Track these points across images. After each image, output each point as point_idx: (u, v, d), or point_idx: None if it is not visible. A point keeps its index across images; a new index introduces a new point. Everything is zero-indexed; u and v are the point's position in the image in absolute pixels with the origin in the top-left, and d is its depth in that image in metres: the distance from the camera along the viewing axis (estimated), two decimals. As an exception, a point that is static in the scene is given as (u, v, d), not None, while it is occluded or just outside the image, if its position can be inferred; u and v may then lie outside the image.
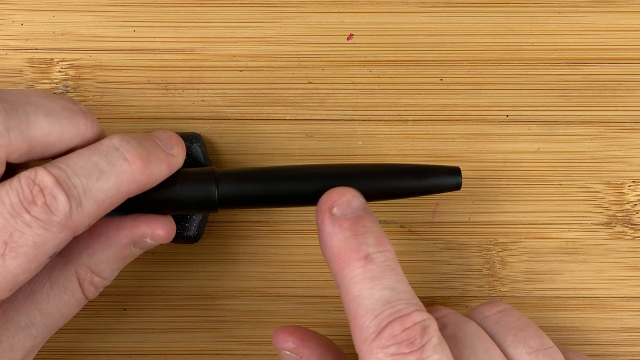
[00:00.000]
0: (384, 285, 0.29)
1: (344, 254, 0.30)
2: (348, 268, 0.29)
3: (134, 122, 0.37)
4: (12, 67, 0.37)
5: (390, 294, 0.29)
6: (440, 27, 0.38)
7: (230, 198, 0.33)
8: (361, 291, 0.29)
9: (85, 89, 0.38)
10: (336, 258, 0.30)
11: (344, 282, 0.29)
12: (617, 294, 0.38)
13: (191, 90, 0.38)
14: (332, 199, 0.31)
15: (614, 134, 0.38)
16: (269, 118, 0.38)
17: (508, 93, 0.38)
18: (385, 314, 0.28)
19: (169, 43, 0.38)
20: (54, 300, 0.32)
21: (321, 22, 0.38)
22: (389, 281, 0.29)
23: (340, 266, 0.30)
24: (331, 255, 0.30)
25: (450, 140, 0.38)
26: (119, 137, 0.31)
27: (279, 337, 0.33)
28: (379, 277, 0.29)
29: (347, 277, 0.29)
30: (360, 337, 0.28)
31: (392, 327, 0.28)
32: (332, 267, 0.30)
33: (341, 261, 0.30)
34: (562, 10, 0.38)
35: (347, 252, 0.30)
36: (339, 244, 0.30)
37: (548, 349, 0.32)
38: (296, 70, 0.38)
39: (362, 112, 0.38)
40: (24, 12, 0.38)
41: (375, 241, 0.30)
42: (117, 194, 0.30)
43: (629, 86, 0.38)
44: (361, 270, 0.29)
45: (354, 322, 0.29)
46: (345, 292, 0.29)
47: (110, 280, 0.33)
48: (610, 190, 0.38)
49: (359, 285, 0.29)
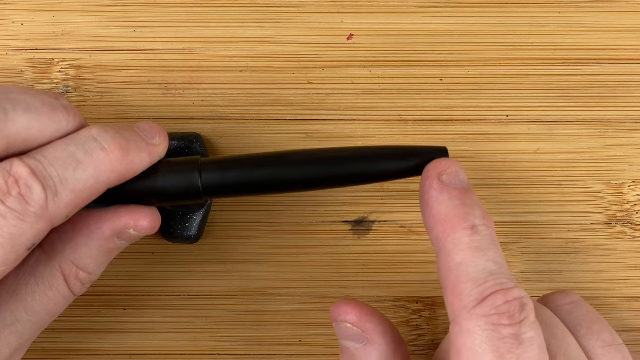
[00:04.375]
0: (488, 258, 0.29)
1: (452, 221, 0.30)
2: (454, 235, 0.30)
3: (134, 122, 0.37)
4: (12, 67, 0.38)
5: (493, 266, 0.29)
6: (441, 27, 0.38)
7: (214, 186, 0.32)
8: (465, 259, 0.29)
9: (86, 89, 0.38)
10: (442, 223, 0.30)
11: (447, 248, 0.30)
12: (617, 294, 0.38)
13: (191, 90, 0.38)
14: (442, 166, 0.31)
15: (614, 134, 0.38)
16: (269, 118, 0.38)
17: (508, 93, 0.38)
18: (489, 284, 0.28)
19: (169, 43, 0.38)
20: (40, 296, 0.32)
21: (321, 22, 0.38)
22: (493, 255, 0.29)
23: (445, 232, 0.30)
24: (436, 221, 0.30)
25: (450, 141, 0.38)
26: (98, 128, 0.31)
27: (340, 309, 0.32)
28: (484, 248, 0.29)
29: (451, 243, 0.30)
30: (460, 304, 0.29)
31: (495, 297, 0.28)
32: (436, 232, 0.30)
33: (447, 227, 0.30)
34: (562, 11, 0.38)
35: (454, 219, 0.30)
36: (447, 210, 0.30)
37: (619, 345, 0.33)
38: (296, 70, 0.38)
39: (362, 112, 0.38)
40: (24, 12, 0.38)
41: (481, 214, 0.30)
42: (95, 184, 0.30)
43: (629, 86, 0.38)
44: (468, 239, 0.29)
45: (453, 288, 0.29)
46: (446, 258, 0.30)
47: (97, 275, 0.33)
48: (610, 190, 0.38)
49: (464, 252, 0.29)
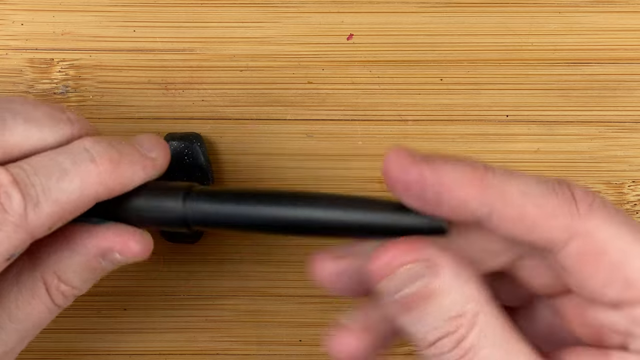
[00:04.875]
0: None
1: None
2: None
3: (134, 122, 0.37)
4: (12, 67, 0.37)
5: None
6: (440, 27, 0.38)
7: (198, 217, 0.30)
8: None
9: (86, 89, 0.38)
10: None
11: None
12: (617, 294, 0.38)
13: (191, 90, 0.38)
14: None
15: (614, 134, 0.38)
16: (269, 118, 0.38)
17: (508, 93, 0.38)
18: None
19: (169, 43, 0.38)
20: (23, 305, 0.31)
21: (321, 22, 0.38)
22: None
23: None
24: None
25: (450, 141, 0.38)
26: (92, 139, 0.30)
27: (389, 256, 0.27)
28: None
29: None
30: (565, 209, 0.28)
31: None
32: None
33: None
34: (562, 10, 0.38)
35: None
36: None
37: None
38: (296, 70, 0.38)
39: (362, 112, 0.38)
40: (24, 12, 0.38)
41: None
42: (81, 196, 0.29)
43: (629, 86, 0.38)
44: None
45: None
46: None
47: (82, 290, 0.32)
48: (610, 190, 0.38)
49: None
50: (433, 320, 0.27)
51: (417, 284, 0.27)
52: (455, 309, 0.26)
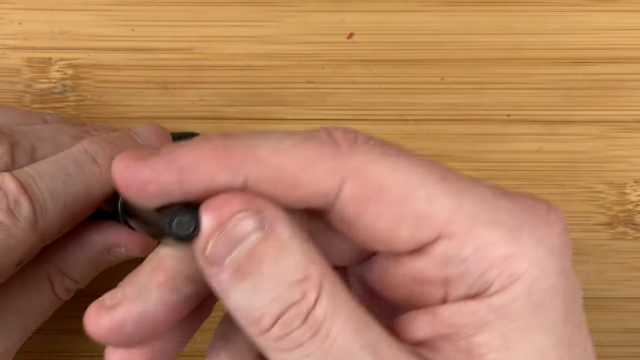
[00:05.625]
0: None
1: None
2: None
3: (133, 122, 0.37)
4: (10, 67, 0.37)
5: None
6: (441, 26, 0.38)
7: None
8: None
9: (84, 89, 0.37)
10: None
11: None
12: (619, 295, 0.38)
13: (191, 89, 0.37)
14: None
15: (616, 134, 0.38)
16: (269, 118, 0.38)
17: (509, 92, 0.38)
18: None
19: (168, 42, 0.37)
20: (26, 298, 0.31)
21: (321, 21, 0.37)
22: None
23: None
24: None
25: (451, 140, 0.38)
26: (89, 140, 0.31)
27: (219, 203, 0.22)
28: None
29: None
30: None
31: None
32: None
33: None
34: (564, 10, 0.38)
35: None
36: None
37: None
38: (296, 69, 0.38)
39: (363, 111, 0.38)
40: (22, 11, 0.37)
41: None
42: (86, 198, 0.29)
43: (631, 86, 0.38)
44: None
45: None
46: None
47: (83, 283, 0.32)
48: (612, 190, 0.38)
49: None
50: (273, 287, 0.22)
51: (251, 240, 0.22)
52: (299, 272, 0.22)
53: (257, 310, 0.22)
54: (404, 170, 0.23)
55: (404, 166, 0.23)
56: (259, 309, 0.22)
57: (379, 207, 0.23)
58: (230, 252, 0.22)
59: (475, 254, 0.23)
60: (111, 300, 0.24)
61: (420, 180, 0.23)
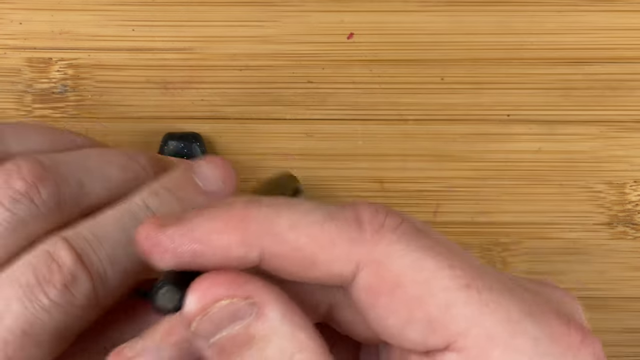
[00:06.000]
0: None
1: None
2: None
3: (133, 122, 0.37)
4: (10, 67, 0.37)
5: None
6: (441, 26, 0.38)
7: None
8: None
9: (84, 89, 0.37)
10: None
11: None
12: (619, 295, 0.38)
13: (191, 89, 0.37)
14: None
15: (616, 134, 0.38)
16: (269, 118, 0.38)
17: (509, 92, 0.38)
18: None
19: (168, 42, 0.37)
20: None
21: (321, 21, 0.38)
22: None
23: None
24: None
25: (451, 140, 0.38)
26: (148, 192, 0.28)
27: (202, 290, 0.22)
28: None
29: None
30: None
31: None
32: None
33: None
34: (563, 10, 0.38)
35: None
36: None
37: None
38: (296, 69, 0.38)
39: (363, 111, 0.38)
40: (22, 11, 0.37)
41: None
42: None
43: (631, 85, 0.38)
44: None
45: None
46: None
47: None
48: (611, 190, 0.38)
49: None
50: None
51: (236, 327, 0.22)
52: (283, 359, 0.22)
53: None
54: (427, 271, 0.22)
55: (430, 265, 0.22)
56: None
57: (391, 304, 0.22)
58: (214, 333, 0.22)
59: None
60: (130, 350, 0.24)
61: (443, 283, 0.22)
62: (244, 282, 0.22)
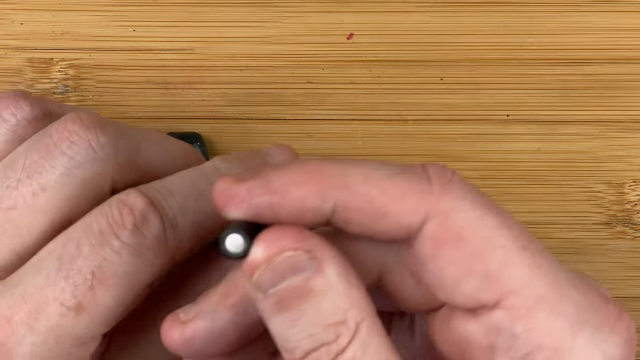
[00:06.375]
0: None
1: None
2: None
3: (133, 122, 0.37)
4: (11, 67, 0.37)
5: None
6: (441, 26, 0.38)
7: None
8: None
9: (85, 89, 0.37)
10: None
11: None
12: (618, 294, 0.38)
13: (191, 89, 0.38)
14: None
15: (615, 134, 0.38)
16: (269, 118, 0.38)
17: (508, 93, 0.38)
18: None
19: (168, 42, 0.37)
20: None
21: (321, 21, 0.38)
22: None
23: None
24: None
25: (450, 140, 0.38)
26: (220, 158, 0.29)
27: (272, 238, 0.23)
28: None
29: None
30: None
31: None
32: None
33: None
34: (562, 10, 0.38)
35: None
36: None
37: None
38: (296, 69, 0.38)
39: (362, 111, 0.38)
40: (23, 12, 0.37)
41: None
42: (216, 216, 0.26)
43: (630, 86, 0.38)
44: None
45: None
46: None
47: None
48: (610, 190, 0.38)
49: None
50: (309, 326, 0.22)
51: (296, 279, 0.22)
52: (337, 314, 0.22)
53: (291, 341, 0.23)
54: (490, 228, 0.23)
55: (492, 223, 0.23)
56: (293, 341, 0.22)
57: (453, 255, 0.23)
58: (275, 284, 0.22)
59: (527, 333, 0.23)
60: (185, 315, 0.25)
61: (503, 242, 0.23)
62: (307, 237, 0.23)
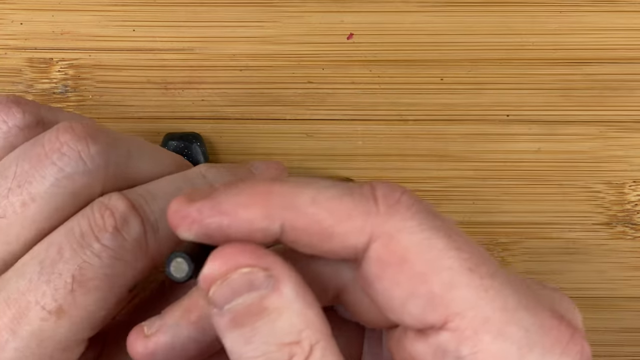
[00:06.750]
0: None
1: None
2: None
3: (133, 122, 0.37)
4: (11, 67, 0.37)
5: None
6: (441, 26, 0.38)
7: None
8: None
9: (85, 89, 0.37)
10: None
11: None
12: (618, 294, 0.38)
13: (191, 89, 0.38)
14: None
15: (615, 134, 0.38)
16: (269, 118, 0.38)
17: (509, 93, 0.38)
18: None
19: (168, 42, 0.37)
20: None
21: (321, 21, 0.38)
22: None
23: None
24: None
25: (450, 140, 0.38)
26: (207, 165, 0.30)
27: (225, 257, 0.23)
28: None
29: None
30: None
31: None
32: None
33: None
34: (563, 10, 0.38)
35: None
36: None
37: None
38: (296, 69, 0.38)
39: (363, 111, 0.38)
40: (23, 12, 0.37)
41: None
42: None
43: (630, 86, 0.38)
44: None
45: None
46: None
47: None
48: (611, 190, 0.38)
49: None
50: (264, 344, 0.22)
51: (252, 296, 0.23)
52: (291, 334, 0.22)
53: (245, 359, 0.23)
54: (437, 249, 0.23)
55: (439, 245, 0.23)
56: (247, 359, 0.23)
57: (397, 276, 0.23)
58: (230, 300, 0.23)
59: (473, 356, 0.23)
60: (149, 328, 0.25)
61: (449, 263, 0.23)
62: (264, 254, 0.23)
